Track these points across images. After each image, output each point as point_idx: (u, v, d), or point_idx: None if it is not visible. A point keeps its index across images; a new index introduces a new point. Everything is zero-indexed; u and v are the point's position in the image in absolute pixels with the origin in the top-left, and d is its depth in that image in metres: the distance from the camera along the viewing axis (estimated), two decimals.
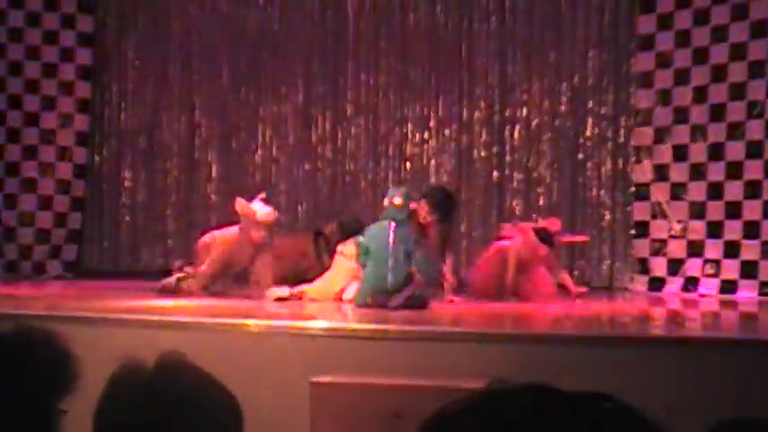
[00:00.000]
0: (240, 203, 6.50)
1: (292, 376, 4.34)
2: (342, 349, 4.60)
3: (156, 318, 5.04)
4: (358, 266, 6.07)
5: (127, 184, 9.66)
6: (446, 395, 1.08)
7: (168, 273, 7.12)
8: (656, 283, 8.19)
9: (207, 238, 6.91)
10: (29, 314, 5.16)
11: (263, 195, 6.69)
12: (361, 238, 6.05)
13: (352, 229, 6.67)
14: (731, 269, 7.87)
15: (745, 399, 4.12)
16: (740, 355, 4.41)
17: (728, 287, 7.82)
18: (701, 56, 8.08)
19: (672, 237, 8.23)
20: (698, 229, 8.09)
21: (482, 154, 9.01)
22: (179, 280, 6.81)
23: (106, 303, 5.97)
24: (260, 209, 6.50)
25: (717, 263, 7.95)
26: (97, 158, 9.64)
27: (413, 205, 6.25)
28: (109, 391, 1.47)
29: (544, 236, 7.14)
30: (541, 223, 7.41)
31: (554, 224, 7.37)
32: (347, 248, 6.46)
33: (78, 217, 9.42)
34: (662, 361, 4.37)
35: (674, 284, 8.15)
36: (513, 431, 0.95)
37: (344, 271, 6.44)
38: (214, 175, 9.57)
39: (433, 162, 9.14)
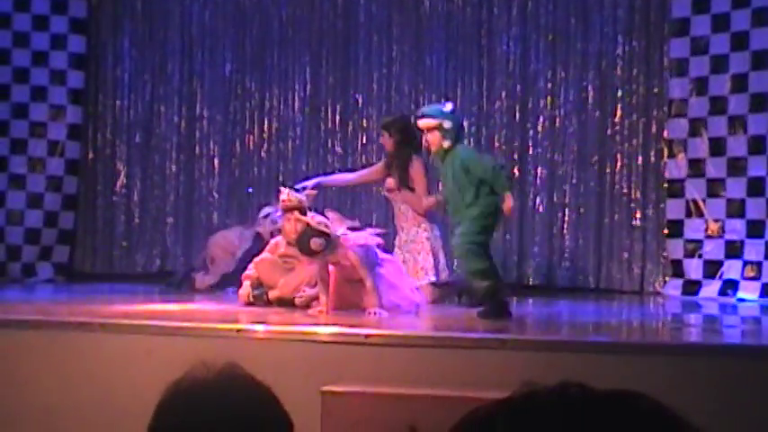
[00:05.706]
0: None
1: (302, 384, 4.34)
2: (354, 356, 4.60)
3: (155, 323, 5.05)
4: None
5: (122, 181, 9.68)
6: (465, 405, 1.06)
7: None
8: (691, 287, 8.17)
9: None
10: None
11: None
12: None
13: None
14: None
15: None
16: None
17: None
18: (739, 41, 8.08)
19: (708, 237, 8.22)
20: (737, 228, 8.08)
21: (503, 147, 9.00)
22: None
23: (106, 308, 6.01)
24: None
25: (758, 265, 7.94)
26: (91, 154, 9.66)
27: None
28: (164, 400, 1.51)
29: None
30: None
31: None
32: None
33: (70, 216, 9.44)
34: (697, 370, 4.36)
35: (711, 288, 8.13)
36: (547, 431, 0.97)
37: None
38: (216, 170, 9.58)
39: None
